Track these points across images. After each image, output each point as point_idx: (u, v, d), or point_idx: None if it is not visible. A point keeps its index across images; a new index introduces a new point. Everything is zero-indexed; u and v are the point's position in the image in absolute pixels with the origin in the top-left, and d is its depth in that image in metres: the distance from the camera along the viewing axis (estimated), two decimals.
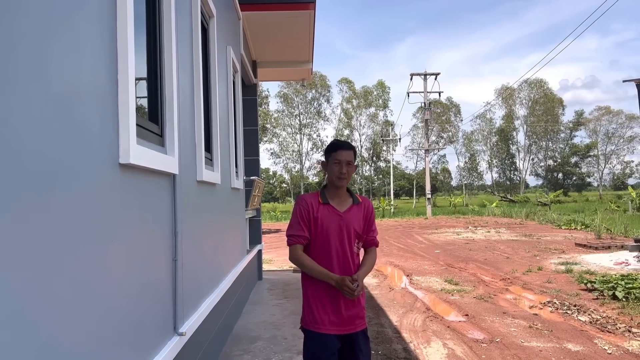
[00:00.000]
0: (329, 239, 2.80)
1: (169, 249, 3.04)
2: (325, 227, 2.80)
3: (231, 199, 5.97)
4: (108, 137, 2.08)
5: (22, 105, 1.44)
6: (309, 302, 2.83)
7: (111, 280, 2.10)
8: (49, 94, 1.59)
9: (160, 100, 3.02)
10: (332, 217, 2.82)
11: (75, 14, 1.81)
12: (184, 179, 3.40)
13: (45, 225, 1.56)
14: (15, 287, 1.38)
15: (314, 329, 2.78)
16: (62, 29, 1.70)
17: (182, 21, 3.56)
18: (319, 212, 2.82)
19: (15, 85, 1.41)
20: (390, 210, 39.93)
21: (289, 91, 54.54)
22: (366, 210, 2.94)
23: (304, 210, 2.83)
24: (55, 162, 1.63)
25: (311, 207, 2.83)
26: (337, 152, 2.85)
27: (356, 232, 2.86)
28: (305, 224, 2.82)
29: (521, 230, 20.42)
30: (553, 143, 65.78)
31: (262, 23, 7.64)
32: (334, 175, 2.84)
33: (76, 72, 1.80)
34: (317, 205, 2.84)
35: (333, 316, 2.77)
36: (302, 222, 2.82)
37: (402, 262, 12.07)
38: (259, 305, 6.97)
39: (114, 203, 2.14)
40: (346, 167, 2.83)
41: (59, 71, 1.67)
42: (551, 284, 8.66)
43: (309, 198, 2.89)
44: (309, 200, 2.86)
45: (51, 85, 1.61)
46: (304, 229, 2.81)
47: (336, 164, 2.83)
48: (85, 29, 1.90)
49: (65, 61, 1.72)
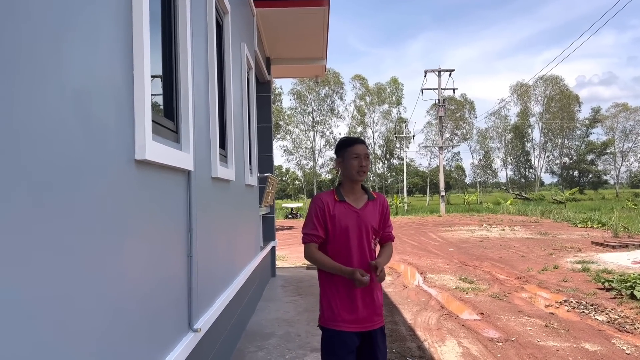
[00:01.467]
0: (347, 236, 2.79)
1: (184, 245, 3.05)
2: (342, 225, 2.79)
3: (245, 196, 5.97)
4: (124, 134, 2.09)
5: (41, 103, 1.44)
6: (327, 300, 2.81)
7: (127, 276, 2.10)
8: (66, 91, 1.60)
9: (176, 96, 3.02)
10: (349, 215, 2.81)
11: (92, 11, 1.81)
12: (199, 175, 3.41)
13: (63, 221, 1.56)
14: (32, 282, 1.39)
15: (333, 326, 2.77)
16: (79, 25, 1.70)
17: (197, 18, 3.56)
18: (336, 210, 2.81)
19: (35, 82, 1.41)
20: (404, 207, 39.77)
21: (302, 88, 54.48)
22: (382, 206, 2.94)
23: (319, 210, 2.82)
24: (72, 159, 1.63)
25: (327, 205, 2.82)
26: (355, 147, 2.85)
27: (373, 228, 2.86)
28: (320, 223, 2.81)
29: (536, 228, 20.22)
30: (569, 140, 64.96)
31: (276, 19, 7.63)
32: (354, 170, 2.83)
33: (93, 69, 1.80)
34: (333, 204, 2.83)
35: (351, 314, 2.76)
36: (316, 221, 2.82)
37: (415, 259, 12.01)
38: (273, 302, 6.98)
39: (130, 199, 2.15)
40: (365, 161, 2.84)
41: (76, 68, 1.67)
42: (567, 282, 8.56)
43: (325, 196, 2.88)
44: (324, 199, 2.85)
45: (69, 82, 1.62)
46: (318, 229, 2.81)
47: (355, 158, 2.82)
48: (102, 26, 1.90)
49: (82, 58, 1.72)
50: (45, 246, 1.45)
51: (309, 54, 9.41)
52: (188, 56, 3.10)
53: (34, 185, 1.40)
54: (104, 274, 1.87)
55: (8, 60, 1.29)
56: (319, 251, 2.82)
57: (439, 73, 36.26)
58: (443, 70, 36.20)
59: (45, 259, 1.45)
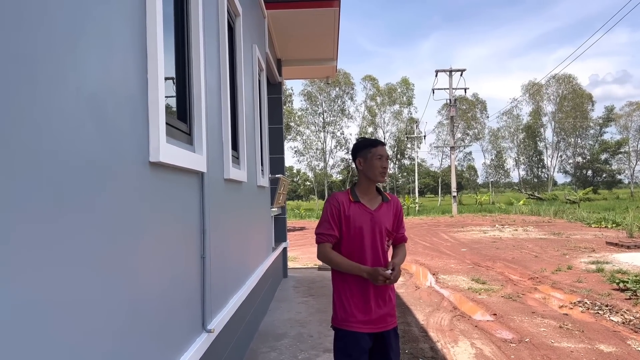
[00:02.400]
0: (361, 237, 2.79)
1: (197, 246, 3.07)
2: (357, 226, 2.80)
3: (257, 197, 6.00)
4: (138, 136, 2.11)
5: (59, 106, 1.47)
6: (340, 300, 2.82)
7: (142, 277, 2.13)
8: (83, 94, 1.62)
9: (189, 99, 3.05)
10: (364, 215, 2.82)
11: (107, 15, 1.84)
12: (212, 176, 3.43)
13: (79, 222, 1.58)
14: (49, 282, 1.41)
15: (346, 327, 2.77)
16: (94, 29, 1.73)
17: (209, 20, 3.59)
18: (350, 211, 2.81)
19: (52, 86, 1.43)
20: (415, 208, 39.64)
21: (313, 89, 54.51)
22: (395, 208, 2.94)
23: (335, 209, 2.82)
24: (89, 161, 1.65)
25: (342, 205, 2.82)
26: (378, 148, 2.86)
27: (387, 229, 2.86)
28: (335, 223, 2.81)
29: (549, 228, 20.05)
30: (582, 140, 64.30)
31: (287, 21, 7.65)
32: (377, 170, 2.84)
33: (108, 72, 1.83)
34: (348, 204, 2.83)
35: (365, 314, 2.76)
36: (332, 220, 2.82)
37: (427, 260, 11.97)
38: (285, 303, 7.00)
39: (144, 201, 2.17)
40: (386, 162, 2.87)
41: (92, 72, 1.69)
42: (581, 283, 8.48)
43: (340, 196, 2.88)
44: (340, 199, 2.85)
45: (85, 85, 1.64)
46: (333, 228, 2.81)
47: (379, 159, 2.84)
48: (117, 29, 1.92)
49: (98, 62, 1.74)
50: (62, 246, 1.48)
51: (320, 55, 9.42)
52: (201, 58, 3.13)
53: (53, 187, 1.42)
54: (120, 274, 1.90)
55: (26, 64, 1.31)
56: (334, 251, 2.82)
57: (450, 73, 36.12)
58: (454, 70, 36.07)
59: (62, 258, 1.48)
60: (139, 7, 2.17)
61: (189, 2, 3.12)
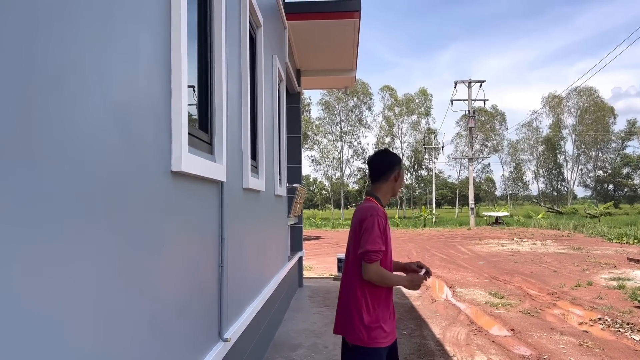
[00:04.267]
0: (390, 249, 2.81)
1: (216, 254, 3.09)
2: (389, 239, 2.79)
3: (274, 206, 6.02)
4: (161, 146, 2.14)
5: (84, 117, 1.50)
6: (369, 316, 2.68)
7: (162, 284, 2.15)
8: (108, 105, 1.65)
9: (210, 109, 3.08)
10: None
11: (133, 26, 1.87)
12: (231, 186, 3.45)
13: (102, 231, 1.61)
14: (73, 288, 1.43)
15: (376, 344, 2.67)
16: (121, 40, 1.76)
17: (232, 31, 3.63)
18: (387, 224, 2.75)
19: (78, 97, 1.46)
20: (432, 219, 39.36)
21: (331, 99, 54.70)
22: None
23: (382, 224, 2.68)
24: (113, 170, 1.68)
25: (385, 220, 2.73)
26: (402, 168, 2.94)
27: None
28: (383, 239, 2.68)
29: (569, 242, 19.73)
30: (603, 153, 63.35)
31: (307, 32, 7.71)
32: (401, 187, 2.92)
33: (133, 83, 1.86)
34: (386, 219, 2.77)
35: (390, 326, 2.74)
36: (382, 236, 2.67)
37: (444, 273, 11.86)
38: (300, 313, 6.98)
39: (165, 209, 2.19)
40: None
41: (117, 83, 1.73)
42: (602, 300, 8.32)
43: (381, 210, 2.75)
44: (383, 213, 2.74)
45: (110, 96, 1.67)
46: (382, 245, 2.67)
47: (403, 178, 2.93)
48: (143, 41, 1.96)
49: (123, 73, 1.77)
50: (87, 255, 1.50)
51: (339, 65, 9.46)
52: (223, 69, 3.16)
53: (78, 197, 1.45)
54: (140, 282, 1.91)
55: (54, 76, 1.34)
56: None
57: (469, 84, 35.93)
58: (473, 82, 35.87)
59: (86, 266, 1.50)
60: (164, 19, 2.21)
61: (213, 13, 3.16)
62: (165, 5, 2.22)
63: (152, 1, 2.07)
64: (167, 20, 2.24)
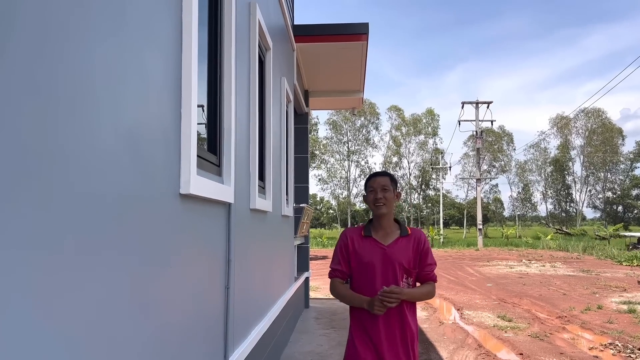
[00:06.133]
0: (372, 273, 2.69)
1: (222, 276, 3.09)
2: (366, 262, 2.71)
3: (281, 226, 6.02)
4: (170, 169, 2.16)
5: (96, 143, 1.52)
6: (351, 337, 2.76)
7: (168, 306, 2.15)
8: (119, 130, 1.68)
9: (219, 131, 3.12)
10: (374, 251, 2.71)
11: (144, 50, 1.90)
12: (238, 207, 3.47)
13: (111, 252, 1.62)
14: (78, 309, 1.44)
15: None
16: (132, 64, 1.79)
17: (241, 55, 3.69)
18: (360, 246, 2.74)
19: (90, 124, 1.49)
20: (440, 240, 39.12)
21: (338, 118, 54.97)
22: (417, 243, 2.76)
23: (343, 245, 2.80)
24: (123, 194, 1.70)
25: (351, 241, 2.78)
26: (370, 180, 2.81)
27: (403, 266, 2.69)
28: (344, 259, 2.78)
29: (578, 265, 19.52)
30: (612, 174, 62.90)
31: (315, 53, 7.79)
32: (370, 203, 2.77)
33: (144, 108, 1.89)
34: (358, 239, 2.77)
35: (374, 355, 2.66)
36: (341, 256, 2.79)
37: (452, 295, 11.75)
38: (306, 335, 6.93)
39: (173, 231, 2.21)
40: (382, 193, 2.71)
41: (129, 107, 1.75)
42: (612, 324, 8.20)
43: (351, 232, 2.84)
44: (349, 234, 2.82)
45: (122, 121, 1.70)
46: (341, 264, 2.79)
47: (371, 191, 2.77)
48: (153, 64, 1.99)
49: (134, 97, 1.80)
50: (95, 274, 1.51)
51: (347, 86, 9.53)
52: (232, 92, 3.20)
53: (89, 224, 1.47)
54: (148, 303, 1.92)
55: (65, 103, 1.37)
56: (343, 285, 2.80)
57: (477, 105, 36.01)
58: (481, 102, 35.96)
59: (94, 286, 1.51)
60: (175, 42, 2.25)
61: (223, 37, 3.22)
62: (176, 29, 2.27)
63: (163, 25, 2.12)
64: (177, 43, 2.28)
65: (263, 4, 4.67)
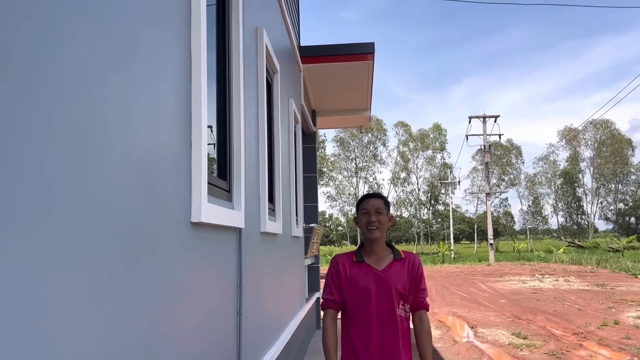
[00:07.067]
0: (366, 301, 2.59)
1: (234, 302, 3.07)
2: (360, 288, 2.60)
3: (291, 248, 6.00)
4: (181, 198, 2.16)
5: (107, 173, 1.52)
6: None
7: (180, 336, 2.13)
8: (130, 162, 1.68)
9: (229, 156, 3.12)
10: (368, 277, 2.61)
11: (155, 81, 1.92)
12: (249, 231, 3.46)
13: (123, 283, 1.61)
14: (86, 344, 1.43)
15: None
16: (143, 94, 1.81)
17: (249, 80, 3.71)
18: (353, 272, 2.64)
19: (101, 156, 1.49)
20: (451, 255, 38.80)
21: (346, 135, 55.13)
22: (411, 267, 2.66)
23: (335, 272, 2.69)
24: (134, 224, 1.70)
25: (342, 267, 2.67)
26: (363, 202, 2.70)
27: (399, 292, 2.60)
28: (336, 287, 2.66)
29: (592, 279, 19.24)
30: (623, 185, 62.34)
31: (321, 74, 7.85)
32: (363, 225, 2.66)
33: (154, 138, 1.89)
34: (350, 265, 2.67)
35: None
36: (332, 285, 2.68)
37: (465, 312, 11.60)
38: (319, 357, 6.84)
39: (185, 260, 2.20)
40: (375, 216, 2.61)
41: (139, 138, 1.76)
42: (630, 340, 8.04)
43: (342, 258, 2.74)
44: (340, 260, 2.71)
45: (132, 151, 1.70)
46: (334, 293, 2.66)
47: (364, 213, 2.65)
48: (163, 93, 2.00)
49: (145, 127, 1.81)
50: (105, 303, 1.50)
51: (354, 105, 9.57)
52: (241, 117, 3.22)
53: (100, 258, 1.46)
54: (160, 332, 1.90)
55: (76, 136, 1.38)
56: (333, 323, 2.68)
57: (484, 119, 35.97)
58: (488, 116, 35.91)
59: (105, 318, 1.50)
60: (184, 74, 2.27)
61: (231, 63, 3.25)
62: (185, 58, 2.28)
63: (173, 55, 2.13)
64: (187, 73, 2.30)
65: (270, 28, 4.71)
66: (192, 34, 2.36)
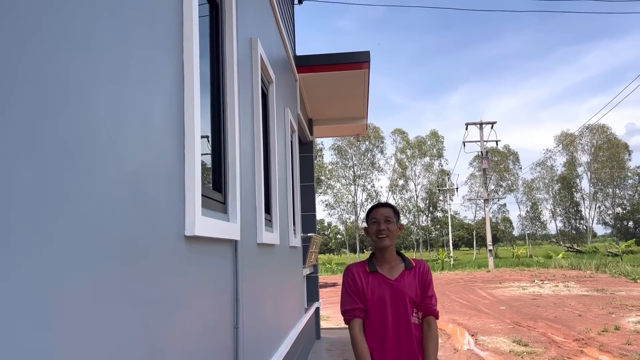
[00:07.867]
0: (383, 311, 2.60)
1: (231, 316, 3.03)
2: (376, 299, 2.62)
3: (289, 258, 5.95)
4: (175, 211, 2.13)
5: (100, 188, 1.49)
6: None
7: (175, 352, 2.09)
8: (122, 176, 1.65)
9: (224, 168, 3.09)
10: (383, 287, 2.63)
11: (148, 94, 1.89)
12: (245, 243, 3.43)
13: (116, 299, 1.58)
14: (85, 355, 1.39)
15: None
16: (135, 107, 1.78)
17: (244, 90, 3.69)
18: (368, 283, 2.65)
19: (92, 170, 1.47)
20: (450, 262, 38.70)
21: (343, 143, 55.15)
22: (421, 274, 2.70)
23: (352, 281, 2.69)
24: (127, 239, 1.67)
25: (358, 276, 2.68)
26: (374, 211, 2.76)
27: (412, 300, 2.63)
28: (357, 295, 2.66)
29: (592, 284, 19.20)
30: (620, 190, 62.44)
31: (317, 83, 7.84)
32: (373, 234, 2.70)
33: (147, 152, 1.87)
34: (365, 275, 2.68)
35: None
36: (353, 294, 2.67)
37: (465, 319, 11.54)
38: None
39: (179, 274, 2.16)
40: (385, 224, 2.66)
41: (131, 152, 1.73)
42: (631, 345, 8.00)
43: (356, 268, 2.74)
44: (355, 270, 2.72)
45: (125, 166, 1.67)
46: (357, 301, 2.65)
47: (374, 223, 2.71)
48: (156, 108, 1.98)
49: (137, 141, 1.78)
50: (98, 319, 1.47)
51: (350, 114, 9.56)
52: (235, 127, 3.19)
53: (93, 262, 1.43)
54: (154, 350, 1.86)
55: (67, 150, 1.35)
56: (361, 333, 2.63)
57: (481, 125, 36.04)
58: (485, 123, 35.99)
59: (98, 335, 1.46)
60: (177, 87, 2.24)
61: (225, 73, 3.22)
62: (177, 71, 2.26)
63: (165, 68, 2.11)
64: (179, 85, 2.28)
65: (265, 38, 4.70)
66: (185, 45, 2.34)
